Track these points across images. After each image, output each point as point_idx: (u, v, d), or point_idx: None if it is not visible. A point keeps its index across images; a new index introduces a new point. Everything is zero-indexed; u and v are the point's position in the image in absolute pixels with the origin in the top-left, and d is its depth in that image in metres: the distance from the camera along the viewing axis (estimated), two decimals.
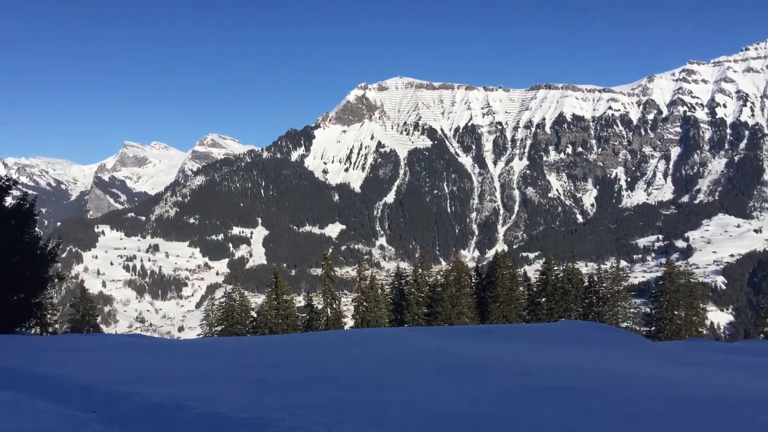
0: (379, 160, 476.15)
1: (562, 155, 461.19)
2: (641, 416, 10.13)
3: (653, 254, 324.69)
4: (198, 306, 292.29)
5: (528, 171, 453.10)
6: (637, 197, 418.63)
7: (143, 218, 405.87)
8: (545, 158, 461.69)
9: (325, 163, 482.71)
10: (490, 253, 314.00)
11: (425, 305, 67.25)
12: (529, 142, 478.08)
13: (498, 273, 67.75)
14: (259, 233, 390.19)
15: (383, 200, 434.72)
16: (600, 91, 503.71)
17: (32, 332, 34.53)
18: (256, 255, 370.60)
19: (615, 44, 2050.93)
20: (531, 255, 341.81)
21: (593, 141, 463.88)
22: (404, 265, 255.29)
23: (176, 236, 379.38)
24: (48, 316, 39.47)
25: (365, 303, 65.22)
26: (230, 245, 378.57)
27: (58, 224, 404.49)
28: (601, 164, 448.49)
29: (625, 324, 63.24)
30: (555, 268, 69.09)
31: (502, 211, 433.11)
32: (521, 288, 69.99)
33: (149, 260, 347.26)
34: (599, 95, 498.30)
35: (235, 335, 59.94)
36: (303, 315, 67.30)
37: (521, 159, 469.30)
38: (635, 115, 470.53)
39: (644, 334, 61.18)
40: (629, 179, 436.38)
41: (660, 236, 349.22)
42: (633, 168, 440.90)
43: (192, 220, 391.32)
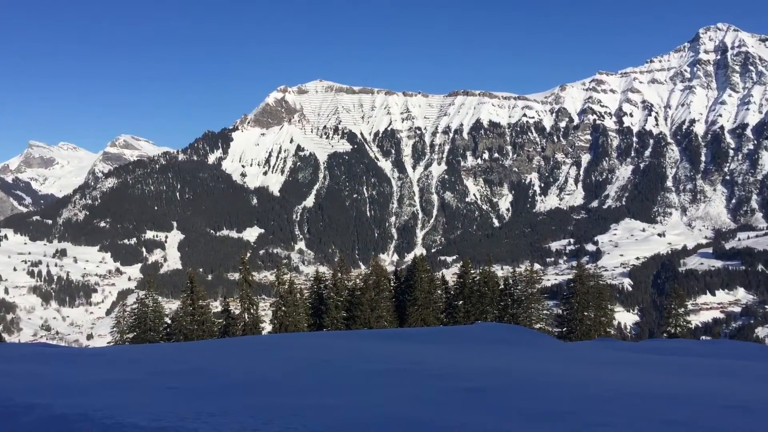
0: (299, 164, 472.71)
1: (479, 161, 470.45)
2: (553, 415, 10.41)
3: (565, 257, 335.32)
4: (108, 313, 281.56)
5: (446, 176, 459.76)
6: (550, 202, 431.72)
7: (50, 222, 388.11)
8: (463, 163, 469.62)
9: (244, 167, 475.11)
10: (409, 257, 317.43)
11: (344, 309, 67.16)
12: (448, 148, 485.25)
13: (416, 277, 68.37)
14: (174, 237, 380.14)
15: (303, 204, 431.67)
16: (515, 99, 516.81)
17: None
18: (171, 260, 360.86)
19: (529, 53, 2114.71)
20: (449, 259, 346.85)
21: (509, 147, 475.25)
22: (323, 269, 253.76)
23: (86, 241, 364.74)
24: None
25: (284, 307, 64.60)
26: (143, 250, 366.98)
27: None
28: (516, 170, 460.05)
29: (539, 325, 64.95)
30: (472, 272, 70.29)
31: (421, 216, 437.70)
32: (439, 291, 70.77)
33: (56, 266, 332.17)
34: (514, 102, 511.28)
35: (148, 342, 58.22)
36: (219, 321, 66.04)
37: (440, 164, 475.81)
38: (548, 123, 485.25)
39: (556, 335, 63.13)
40: (543, 185, 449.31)
41: (571, 240, 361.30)
42: (546, 174, 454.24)
43: (103, 224, 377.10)
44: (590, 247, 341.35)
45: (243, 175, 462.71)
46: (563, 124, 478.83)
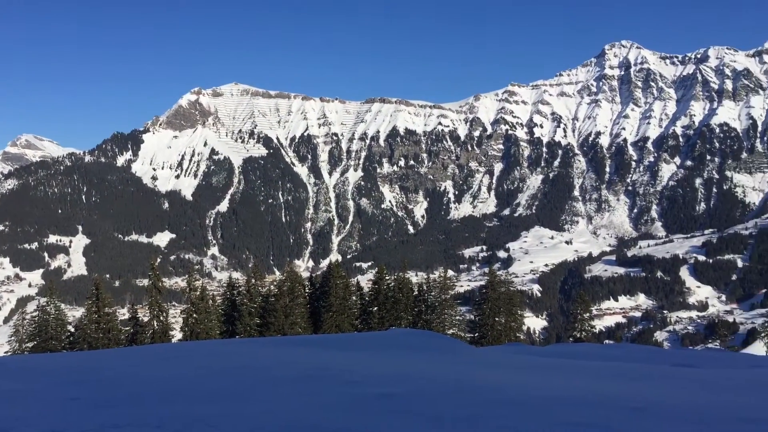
0: (213, 168, 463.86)
1: (395, 167, 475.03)
2: (461, 418, 10.56)
3: (478, 264, 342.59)
4: (6, 321, 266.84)
5: (362, 182, 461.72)
6: (464, 210, 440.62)
7: None
8: (379, 170, 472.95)
9: (155, 170, 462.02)
10: (325, 263, 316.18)
11: (258, 316, 66.25)
12: (364, 154, 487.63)
13: (331, 283, 68.21)
14: (80, 242, 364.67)
15: (216, 209, 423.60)
16: (431, 107, 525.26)
17: None
18: (76, 265, 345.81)
19: (445, 63, 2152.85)
20: (364, 265, 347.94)
21: (424, 155, 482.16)
22: (237, 275, 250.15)
23: None
24: None
25: (195, 315, 63.08)
26: (46, 255, 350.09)
27: None
28: (432, 177, 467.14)
29: (452, 331, 65.95)
30: (387, 278, 70.65)
31: (337, 222, 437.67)
32: (354, 297, 70.85)
33: None
34: (430, 111, 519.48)
35: (50, 351, 55.61)
36: (127, 328, 63.88)
37: (356, 170, 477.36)
38: (463, 132, 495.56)
39: (468, 340, 64.35)
40: (457, 192, 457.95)
41: (484, 247, 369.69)
42: (460, 182, 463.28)
43: (1, 227, 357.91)
44: (502, 254, 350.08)
45: (154, 179, 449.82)
46: (477, 134, 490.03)
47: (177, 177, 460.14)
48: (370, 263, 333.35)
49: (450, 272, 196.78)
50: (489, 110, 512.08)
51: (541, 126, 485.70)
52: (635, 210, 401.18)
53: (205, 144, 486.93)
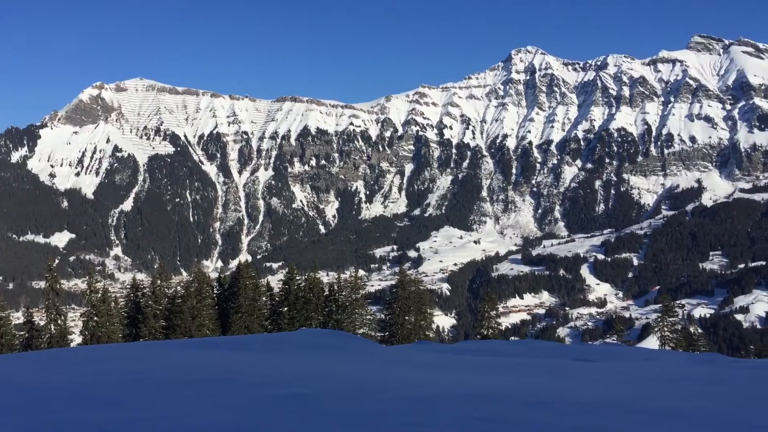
0: (116, 165, 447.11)
1: (307, 167, 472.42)
2: (368, 417, 10.60)
3: (389, 263, 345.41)
4: None
5: (273, 182, 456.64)
6: (375, 209, 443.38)
7: None
8: (290, 169, 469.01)
9: (53, 167, 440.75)
10: (234, 264, 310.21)
11: (163, 318, 64.47)
12: (275, 153, 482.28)
13: (241, 283, 67.14)
14: None
15: (120, 208, 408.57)
16: (343, 107, 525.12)
17: None
18: None
19: (356, 63, 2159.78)
20: (275, 265, 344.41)
21: (336, 154, 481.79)
22: (142, 277, 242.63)
23: None
24: None
25: (96, 317, 60.61)
26: None
27: None
28: (343, 177, 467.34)
29: (362, 330, 66.16)
30: (297, 278, 70.17)
31: (247, 221, 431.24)
32: (264, 298, 70.00)
33: None
34: (342, 111, 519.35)
35: None
36: (21, 333, 60.74)
37: (266, 169, 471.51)
38: (374, 132, 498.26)
39: (378, 339, 64.78)
40: (368, 192, 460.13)
41: (395, 246, 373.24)
42: (372, 182, 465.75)
43: None
44: (412, 254, 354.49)
45: (52, 176, 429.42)
46: (388, 134, 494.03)
47: (77, 175, 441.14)
48: (281, 263, 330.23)
49: (361, 272, 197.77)
50: (400, 111, 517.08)
51: (451, 128, 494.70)
52: (540, 210, 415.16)
53: (108, 140, 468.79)
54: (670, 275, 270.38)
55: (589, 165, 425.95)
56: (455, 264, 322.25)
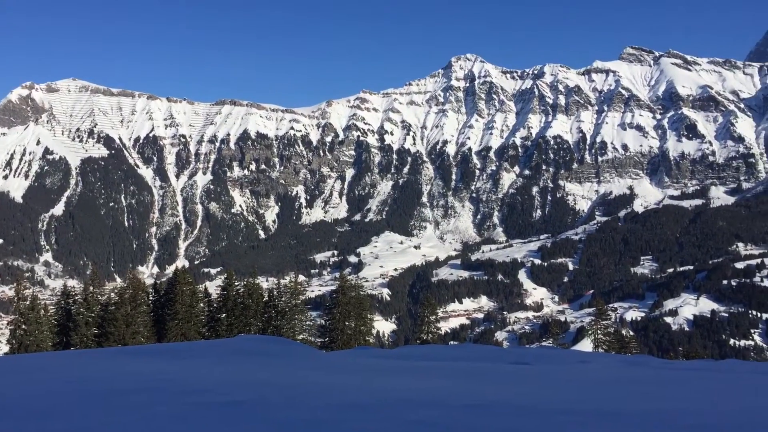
0: (47, 168, 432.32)
1: (246, 171, 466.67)
2: (306, 424, 10.51)
3: (329, 269, 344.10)
4: None
5: (212, 186, 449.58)
6: (316, 215, 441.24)
7: None
8: (229, 174, 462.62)
9: None
10: (171, 269, 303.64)
11: (96, 326, 62.67)
12: (214, 157, 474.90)
13: (177, 290, 65.85)
14: None
15: (50, 212, 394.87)
16: (283, 111, 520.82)
17: None
18: None
19: (296, 68, 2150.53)
20: (213, 271, 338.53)
21: (276, 159, 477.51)
22: (73, 283, 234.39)
23: None
24: None
25: (24, 325, 58.55)
26: None
27: None
28: (283, 182, 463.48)
29: (302, 336, 65.78)
30: (236, 284, 69.27)
31: (184, 226, 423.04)
32: (201, 304, 68.84)
33: None
34: (282, 115, 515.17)
35: None
36: None
37: (205, 173, 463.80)
38: (315, 137, 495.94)
39: (318, 345, 64.46)
40: (309, 197, 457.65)
41: (335, 252, 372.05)
42: (312, 187, 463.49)
43: None
44: (353, 259, 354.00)
45: None
46: (329, 139, 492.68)
47: (5, 177, 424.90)
48: (219, 269, 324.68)
49: (301, 277, 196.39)
50: (341, 116, 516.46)
51: (392, 133, 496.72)
52: (479, 216, 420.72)
53: (38, 142, 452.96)
54: (604, 279, 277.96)
55: (527, 171, 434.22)
56: (396, 269, 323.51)
